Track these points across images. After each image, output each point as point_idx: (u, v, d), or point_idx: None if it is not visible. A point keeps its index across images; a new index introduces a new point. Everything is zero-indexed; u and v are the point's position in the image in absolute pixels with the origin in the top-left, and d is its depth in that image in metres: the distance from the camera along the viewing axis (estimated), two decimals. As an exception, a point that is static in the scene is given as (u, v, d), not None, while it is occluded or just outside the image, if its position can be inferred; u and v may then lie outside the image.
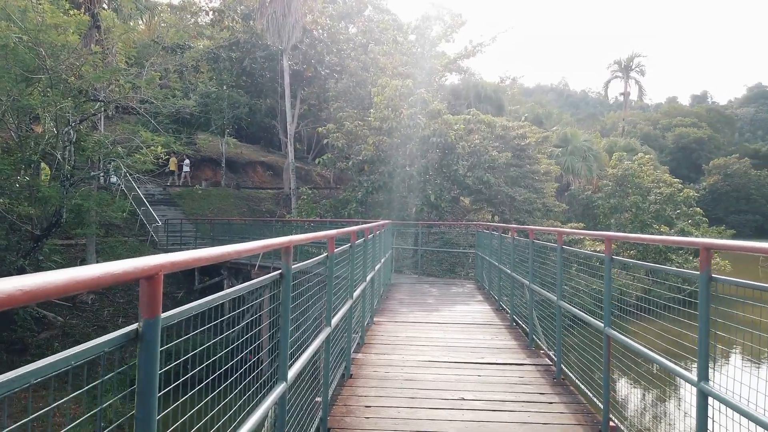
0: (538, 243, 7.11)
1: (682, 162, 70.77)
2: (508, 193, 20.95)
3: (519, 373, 5.97)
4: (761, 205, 63.62)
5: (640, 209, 24.74)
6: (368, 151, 18.04)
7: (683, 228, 23.78)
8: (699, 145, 73.74)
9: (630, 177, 25.86)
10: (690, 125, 76.84)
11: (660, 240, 3.59)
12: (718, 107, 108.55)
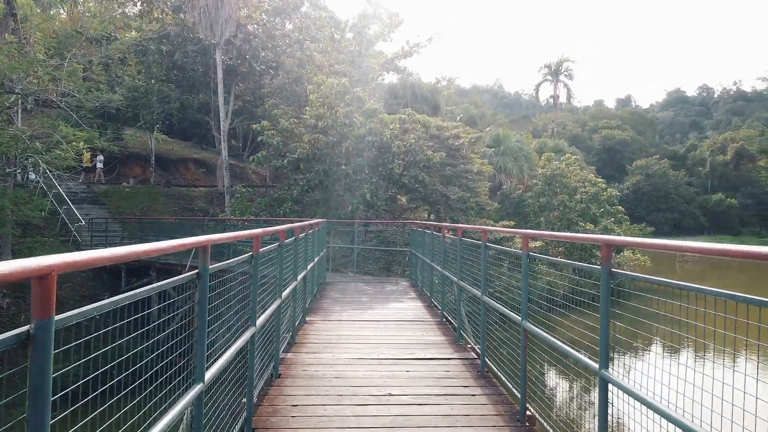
0: (466, 241, 7.32)
1: (608, 162, 74.44)
2: (443, 192, 21.37)
3: (446, 367, 6.13)
4: (678, 204, 67.83)
5: (567, 208, 25.84)
6: (304, 149, 17.92)
7: (606, 225, 25.05)
8: (623, 147, 77.79)
9: (558, 177, 26.97)
10: (615, 127, 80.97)
11: (565, 237, 3.82)
12: (641, 111, 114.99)
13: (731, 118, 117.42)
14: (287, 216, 17.35)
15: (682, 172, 71.94)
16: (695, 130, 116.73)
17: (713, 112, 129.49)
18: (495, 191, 29.34)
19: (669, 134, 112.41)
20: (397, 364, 6.21)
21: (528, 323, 4.61)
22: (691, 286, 2.42)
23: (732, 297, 2.18)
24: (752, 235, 65.71)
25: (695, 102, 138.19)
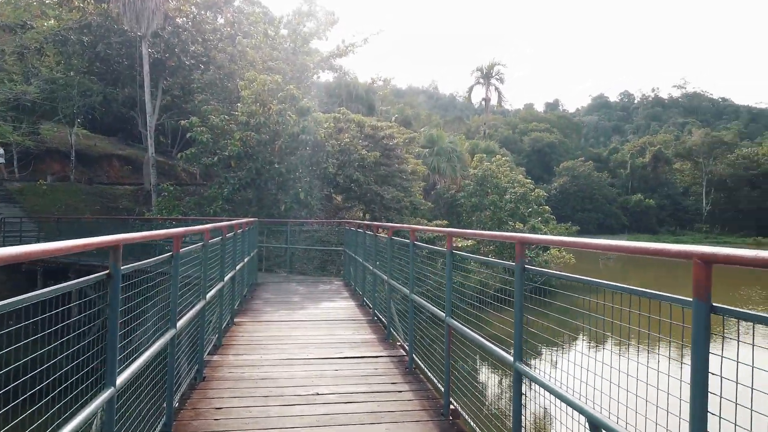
0: (395, 240, 7.40)
1: (537, 164, 77.29)
2: (378, 191, 21.50)
3: (375, 365, 6.19)
4: (602, 204, 71.39)
5: (498, 207, 26.65)
6: (235, 146, 17.52)
7: (534, 225, 26.02)
8: (551, 149, 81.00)
9: (489, 177, 27.76)
10: (544, 130, 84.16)
11: (483, 234, 3.94)
12: (568, 114, 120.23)
13: (650, 123, 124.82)
14: (218, 215, 16.91)
15: (605, 174, 75.78)
16: (617, 133, 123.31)
17: (634, 117, 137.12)
18: (429, 191, 29.81)
19: (593, 137, 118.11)
20: (326, 363, 6.21)
21: (451, 319, 4.73)
22: (592, 281, 2.57)
23: (646, 294, 2.33)
24: (668, 233, 70.09)
25: (617, 107, 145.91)
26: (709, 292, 1.86)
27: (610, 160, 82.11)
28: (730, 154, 74.97)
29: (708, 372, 1.85)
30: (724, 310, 1.83)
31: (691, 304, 1.90)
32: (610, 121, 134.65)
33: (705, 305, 1.85)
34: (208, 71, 23.98)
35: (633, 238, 66.06)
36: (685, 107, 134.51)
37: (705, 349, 1.86)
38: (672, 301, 2.06)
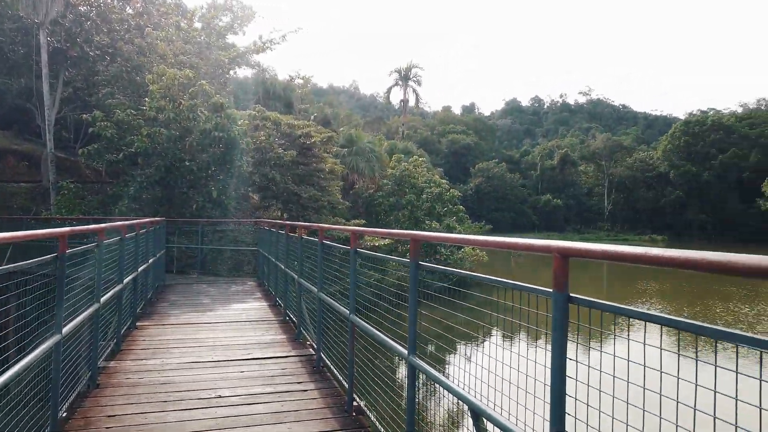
0: (306, 239, 7.37)
1: (455, 165, 79.55)
2: (295, 190, 21.28)
3: (282, 365, 6.13)
4: (514, 204, 74.66)
5: (414, 207, 27.16)
6: (142, 143, 16.71)
7: (449, 224, 26.76)
8: (467, 151, 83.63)
9: (406, 177, 28.23)
10: (460, 132, 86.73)
11: (383, 233, 4.03)
12: (483, 118, 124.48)
13: (558, 127, 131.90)
14: (124, 215, 16.07)
15: (518, 175, 79.34)
16: (529, 137, 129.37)
17: (544, 122, 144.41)
18: (348, 190, 29.86)
19: (507, 140, 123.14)
20: (231, 365, 6.08)
21: (355, 317, 4.78)
22: (471, 274, 2.69)
23: (513, 286, 2.46)
24: (574, 231, 74.39)
25: (529, 111, 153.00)
26: (567, 283, 2.01)
27: (522, 162, 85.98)
28: (629, 157, 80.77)
29: (566, 357, 2.00)
30: (580, 300, 1.98)
31: (552, 295, 2.05)
32: (522, 125, 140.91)
33: (563, 296, 2.00)
34: (114, 63, 22.71)
35: (542, 236, 69.55)
36: (589, 113, 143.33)
37: (563, 336, 2.00)
38: (536, 292, 2.20)
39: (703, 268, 1.43)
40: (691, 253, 1.46)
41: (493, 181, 74.27)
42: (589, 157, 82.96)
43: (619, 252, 1.74)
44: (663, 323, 1.62)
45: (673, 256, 1.52)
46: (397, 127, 69.85)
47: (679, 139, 78.43)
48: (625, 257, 1.71)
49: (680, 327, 1.56)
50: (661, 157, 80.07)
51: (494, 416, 2.41)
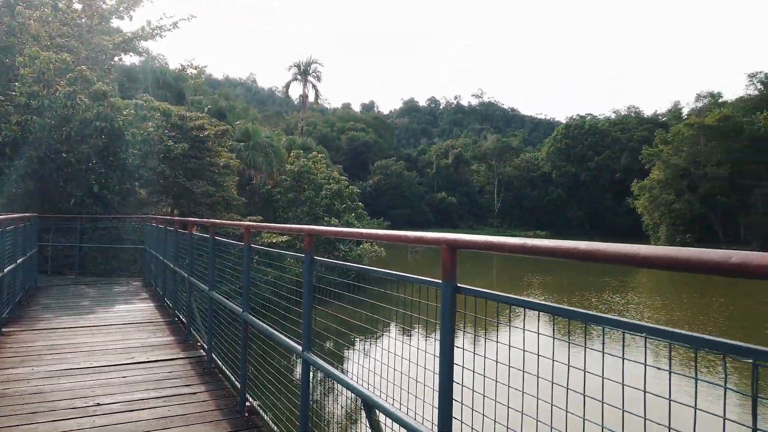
0: (197, 236, 7.05)
1: (354, 162, 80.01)
2: (187, 185, 20.31)
3: (169, 368, 5.82)
4: (411, 201, 76.52)
5: (313, 203, 26.96)
6: (11, 131, 15.11)
7: (348, 220, 26.85)
8: (367, 148, 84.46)
9: (305, 173, 27.95)
10: (360, 130, 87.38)
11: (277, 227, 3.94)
12: (382, 116, 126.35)
13: (452, 128, 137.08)
14: (-12, 210, 14.44)
15: (415, 173, 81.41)
16: (425, 136, 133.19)
17: (439, 122, 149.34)
18: (244, 186, 29.01)
19: (405, 138, 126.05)
20: (113, 371, 5.67)
21: (248, 315, 4.64)
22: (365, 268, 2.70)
23: (405, 278, 2.48)
24: (467, 228, 77.73)
25: (425, 111, 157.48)
26: (455, 274, 2.07)
27: (419, 161, 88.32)
28: (516, 158, 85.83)
29: (453, 345, 2.06)
30: (467, 290, 2.05)
31: (441, 286, 2.10)
32: (419, 124, 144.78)
33: (451, 286, 2.06)
34: (-24, 41, 20.32)
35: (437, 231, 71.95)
36: (481, 115, 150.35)
37: (451, 325, 2.06)
38: (426, 284, 2.25)
39: (576, 256, 1.52)
40: (566, 243, 1.55)
41: (391, 179, 75.66)
42: (481, 157, 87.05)
43: (502, 243, 1.82)
44: (541, 309, 1.71)
45: (550, 246, 1.61)
46: (297, 122, 68.97)
47: (560, 141, 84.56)
48: (507, 248, 1.79)
49: (556, 313, 1.66)
50: (545, 158, 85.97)
51: (386, 407, 2.43)
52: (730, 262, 1.14)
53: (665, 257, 1.27)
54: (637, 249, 1.35)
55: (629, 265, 1.39)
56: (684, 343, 1.25)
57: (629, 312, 20.69)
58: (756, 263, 1.10)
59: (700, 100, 73.83)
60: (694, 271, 1.22)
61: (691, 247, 5.04)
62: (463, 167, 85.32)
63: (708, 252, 1.19)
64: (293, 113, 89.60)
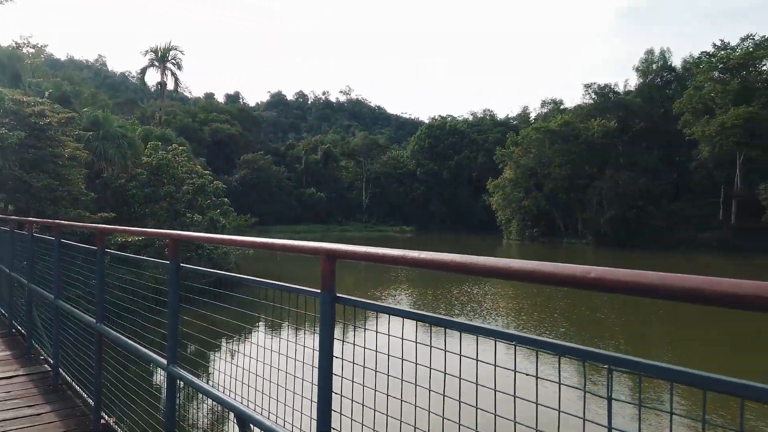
0: (38, 237, 6.31)
1: (218, 155, 76.72)
2: (24, 178, 18.12)
3: (6, 387, 5.15)
4: (280, 196, 75.25)
5: (174, 199, 25.42)
6: None
7: (213, 216, 25.72)
8: (232, 141, 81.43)
9: (165, 167, 26.25)
10: (224, 122, 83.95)
11: (134, 231, 3.66)
12: (248, 108, 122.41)
13: (321, 123, 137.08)
14: None
15: (283, 168, 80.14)
16: (294, 130, 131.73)
17: (308, 117, 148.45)
18: (94, 179, 26.50)
19: (273, 132, 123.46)
20: (-69, 396, 4.88)
21: (104, 326, 4.25)
22: (241, 277, 2.60)
23: (282, 288, 2.42)
24: (336, 223, 78.33)
25: (294, 106, 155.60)
26: (334, 284, 2.07)
27: (287, 155, 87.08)
28: (383, 155, 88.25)
29: (332, 355, 2.05)
30: (345, 300, 2.05)
31: (320, 296, 2.08)
32: (287, 118, 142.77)
33: (330, 295, 2.05)
34: None
35: (307, 228, 71.73)
36: (350, 111, 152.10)
37: (330, 334, 2.06)
38: (304, 293, 2.22)
39: (452, 268, 1.59)
40: (443, 255, 1.62)
41: (259, 173, 73.76)
42: (350, 154, 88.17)
43: (382, 254, 1.85)
44: (416, 318, 1.77)
45: (428, 258, 1.66)
46: (154, 111, 64.47)
47: (424, 140, 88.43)
48: (387, 259, 1.82)
49: (426, 320, 1.72)
50: (410, 156, 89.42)
51: (260, 420, 2.37)
52: (589, 277, 1.26)
53: (531, 270, 1.38)
54: (508, 263, 1.44)
55: (499, 278, 1.48)
56: (549, 351, 1.37)
57: (485, 302, 22.24)
58: (609, 278, 1.23)
59: (545, 106, 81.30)
60: (557, 284, 1.33)
61: (538, 240, 5.58)
62: (332, 163, 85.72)
63: (570, 267, 1.31)
64: (150, 101, 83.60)
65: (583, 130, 61.05)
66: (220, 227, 25.74)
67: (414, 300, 23.33)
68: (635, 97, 64.69)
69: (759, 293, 1.03)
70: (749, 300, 1.04)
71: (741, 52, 51.42)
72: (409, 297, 23.85)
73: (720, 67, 52.73)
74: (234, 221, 32.33)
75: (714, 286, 1.09)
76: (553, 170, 60.88)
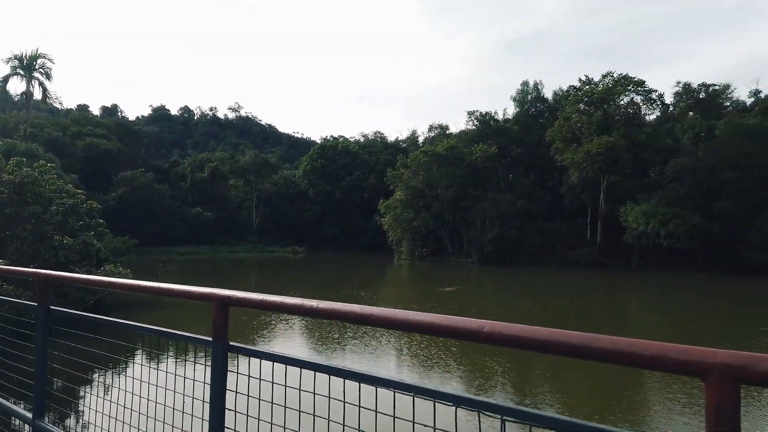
0: None
1: (94, 172, 71.20)
2: None
3: None
4: (163, 216, 71.17)
5: (41, 220, 23.14)
6: None
7: (86, 239, 23.74)
8: (109, 157, 75.98)
9: (30, 185, 23.86)
10: (101, 136, 78.26)
11: None
12: (128, 122, 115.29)
13: (209, 140, 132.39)
14: None
15: (166, 186, 76.06)
16: (178, 147, 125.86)
17: (194, 133, 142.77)
18: (-58, 198, 23.45)
19: (155, 149, 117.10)
20: None
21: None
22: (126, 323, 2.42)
23: (171, 336, 2.28)
24: (224, 245, 75.42)
25: (178, 121, 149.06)
26: (227, 332, 1.98)
27: (171, 173, 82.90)
28: (275, 174, 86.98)
29: (225, 407, 1.96)
30: (240, 349, 1.97)
31: (210, 344, 1.98)
32: (171, 134, 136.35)
33: (222, 345, 1.96)
34: None
35: (192, 250, 68.43)
36: (239, 129, 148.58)
37: (223, 387, 1.96)
38: (196, 342, 2.11)
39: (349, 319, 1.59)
40: (342, 305, 1.61)
41: (139, 192, 69.37)
42: (239, 172, 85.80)
43: (278, 302, 1.80)
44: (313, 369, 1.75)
45: (327, 308, 1.65)
46: (18, 124, 58.69)
47: (316, 160, 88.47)
48: (283, 308, 1.78)
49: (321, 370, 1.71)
50: (302, 175, 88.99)
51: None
52: (483, 332, 1.32)
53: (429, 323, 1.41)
54: (406, 315, 1.47)
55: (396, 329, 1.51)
56: (446, 402, 1.40)
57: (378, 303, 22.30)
58: (499, 333, 1.30)
59: (433, 130, 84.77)
60: (453, 337, 1.37)
61: (427, 259, 5.76)
62: (220, 182, 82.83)
63: (465, 321, 1.36)
64: (13, 112, 75.93)
65: (467, 154, 64.41)
66: (94, 251, 23.80)
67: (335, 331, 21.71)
68: (513, 125, 69.51)
69: (633, 350, 1.14)
70: (624, 357, 1.14)
71: (603, 87, 57.24)
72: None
73: (585, 100, 58.26)
74: (111, 244, 30.10)
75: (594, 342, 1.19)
76: (441, 192, 63.44)
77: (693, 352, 1.08)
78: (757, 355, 1.01)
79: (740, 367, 1.01)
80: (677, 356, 1.09)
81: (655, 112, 61.20)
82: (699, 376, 1.06)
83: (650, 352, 1.12)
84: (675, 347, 1.10)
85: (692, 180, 51.80)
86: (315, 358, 2.16)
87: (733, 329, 22.75)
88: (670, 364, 1.09)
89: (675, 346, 1.11)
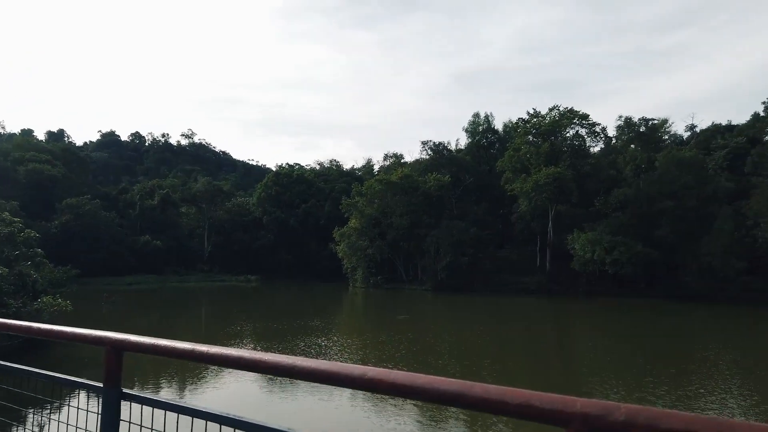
0: None
1: (36, 199, 68.39)
2: None
3: None
4: (109, 245, 68.61)
5: (-28, 250, 21.95)
6: None
7: (23, 270, 22.61)
8: (53, 183, 73.22)
9: (-38, 213, 22.67)
10: (45, 162, 75.43)
11: None
12: (74, 148, 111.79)
13: (160, 167, 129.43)
14: None
15: (114, 214, 73.62)
16: (128, 173, 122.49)
17: (145, 159, 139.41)
18: None
19: (103, 175, 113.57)
20: None
21: None
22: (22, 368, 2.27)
23: (61, 381, 2.14)
24: (174, 273, 73.19)
25: (129, 147, 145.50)
26: (120, 378, 1.88)
27: (119, 200, 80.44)
28: (228, 202, 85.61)
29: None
30: (134, 397, 1.88)
31: (102, 392, 1.88)
32: (121, 160, 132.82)
33: (115, 392, 1.86)
34: None
35: (139, 279, 66.10)
36: (192, 156, 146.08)
37: (114, 438, 1.85)
38: (86, 388, 2.00)
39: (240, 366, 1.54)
40: (233, 351, 1.56)
41: (84, 219, 66.82)
42: (191, 200, 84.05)
43: (171, 347, 1.73)
44: (205, 419, 1.67)
45: (216, 354, 1.59)
46: (-47, 147, 55.93)
47: (271, 188, 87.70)
48: (175, 353, 1.71)
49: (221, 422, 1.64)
50: (256, 203, 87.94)
51: None
52: (365, 378, 1.29)
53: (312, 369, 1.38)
54: (293, 361, 1.43)
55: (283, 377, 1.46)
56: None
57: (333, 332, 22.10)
58: (380, 380, 1.27)
59: (388, 159, 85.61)
60: (336, 385, 1.34)
61: (381, 287, 5.68)
62: (171, 209, 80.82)
63: (348, 367, 1.33)
64: (-51, 135, 72.40)
65: (421, 183, 65.21)
66: (30, 282, 22.64)
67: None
68: (465, 155, 71.05)
69: (503, 399, 1.13)
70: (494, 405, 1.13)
71: (550, 120, 59.36)
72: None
73: (534, 132, 60.22)
74: (50, 274, 28.75)
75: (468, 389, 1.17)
76: (395, 220, 63.76)
77: (556, 401, 1.08)
78: (611, 404, 1.02)
79: (597, 417, 1.02)
80: (541, 405, 1.09)
81: (599, 144, 63.82)
82: (561, 425, 1.06)
83: (517, 401, 1.11)
84: (540, 396, 1.10)
85: (634, 209, 54.01)
86: (219, 406, 2.02)
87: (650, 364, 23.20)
88: (535, 412, 1.09)
89: (540, 395, 1.11)
